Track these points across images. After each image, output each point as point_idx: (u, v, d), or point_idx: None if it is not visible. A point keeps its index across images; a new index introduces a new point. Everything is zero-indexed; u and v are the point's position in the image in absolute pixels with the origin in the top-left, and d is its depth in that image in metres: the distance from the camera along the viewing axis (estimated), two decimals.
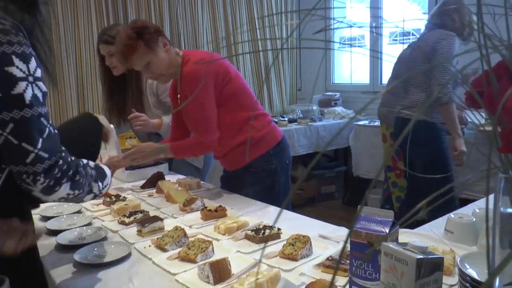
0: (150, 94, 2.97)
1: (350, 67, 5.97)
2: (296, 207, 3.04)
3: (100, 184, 1.49)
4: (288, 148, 2.55)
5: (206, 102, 2.27)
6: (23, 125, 1.17)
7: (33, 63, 1.20)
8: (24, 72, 1.16)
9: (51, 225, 1.94)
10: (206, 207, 2.07)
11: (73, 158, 1.33)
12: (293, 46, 6.18)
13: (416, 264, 0.92)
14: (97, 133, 1.79)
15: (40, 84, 1.22)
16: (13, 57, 1.15)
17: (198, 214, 2.06)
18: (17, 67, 1.15)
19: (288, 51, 6.33)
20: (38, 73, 1.22)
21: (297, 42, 5.79)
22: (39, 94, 1.21)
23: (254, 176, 2.41)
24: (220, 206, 2.06)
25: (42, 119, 1.22)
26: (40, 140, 1.20)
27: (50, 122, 1.26)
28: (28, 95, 1.17)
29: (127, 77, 2.96)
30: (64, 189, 1.28)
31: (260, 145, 2.40)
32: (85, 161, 1.43)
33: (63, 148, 1.29)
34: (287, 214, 2.07)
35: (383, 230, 1.07)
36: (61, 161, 1.25)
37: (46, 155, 1.21)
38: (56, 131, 1.28)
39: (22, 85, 1.16)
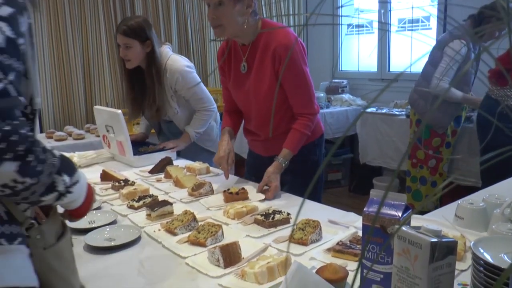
0: (167, 87, 2.93)
1: (358, 54, 5.93)
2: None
3: (66, 178, 1.12)
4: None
5: (308, 76, 2.21)
6: None
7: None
8: None
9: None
10: (228, 190, 2.08)
11: (30, 133, 0.99)
12: (300, 28, 6.14)
13: (430, 247, 0.92)
14: None
15: (3, 24, 0.99)
16: None
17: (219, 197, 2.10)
18: None
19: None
20: (5, 10, 1.01)
21: (305, 21, 5.75)
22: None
23: (295, 165, 2.25)
24: (242, 188, 2.08)
25: None
26: None
27: (12, 80, 0.99)
28: None
29: (146, 70, 2.91)
30: (7, 169, 0.93)
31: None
32: (47, 145, 1.07)
33: (22, 119, 0.99)
34: (297, 199, 2.06)
35: (396, 214, 1.06)
36: (8, 128, 0.93)
37: None
38: (20, 98, 1.01)
39: None
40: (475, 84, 3.93)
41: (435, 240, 0.93)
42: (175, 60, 2.89)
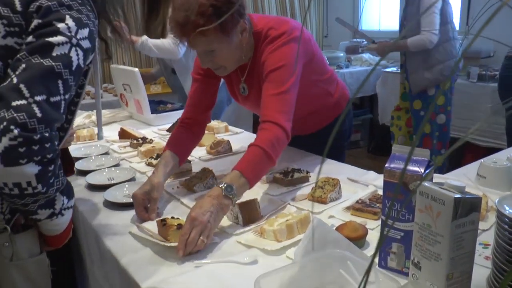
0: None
1: (379, 13, 5.80)
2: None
3: (65, 200, 1.21)
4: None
5: (294, 84, 1.67)
6: (34, 71, 1.05)
7: (85, 32, 1.14)
8: (70, 32, 1.11)
9: (80, 165, 1.96)
10: None
11: (57, 148, 1.12)
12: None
13: (454, 204, 0.89)
14: None
15: (80, 53, 1.13)
16: (67, 17, 1.11)
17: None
18: (67, 24, 1.10)
19: None
20: (86, 43, 1.15)
21: None
22: (74, 61, 1.12)
23: (324, 138, 2.05)
24: None
25: (60, 82, 1.08)
26: (43, 96, 1.04)
27: (66, 99, 1.11)
28: (59, 50, 1.09)
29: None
30: (30, 169, 1.02)
31: (334, 109, 2.09)
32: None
33: (56, 133, 1.10)
34: (316, 158, 2.04)
35: (419, 170, 1.04)
36: (47, 135, 1.04)
37: (38, 114, 1.02)
38: (65, 117, 1.15)
39: (60, 39, 1.09)
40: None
41: (459, 196, 0.90)
42: None
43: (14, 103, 1.00)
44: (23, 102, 1.01)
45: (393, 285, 0.93)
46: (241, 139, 2.34)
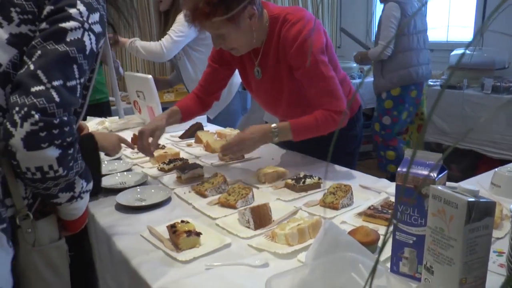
0: None
1: None
2: None
3: (84, 183, 1.23)
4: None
5: (325, 66, 1.84)
6: (50, 57, 1.07)
7: (96, 16, 1.16)
8: (82, 17, 1.12)
9: None
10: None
11: (76, 131, 1.15)
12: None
13: (467, 207, 0.89)
14: (92, 151, 1.68)
15: (92, 37, 1.15)
16: (78, 2, 1.13)
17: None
18: (78, 10, 1.12)
19: (329, 6, 6.18)
20: (97, 27, 1.16)
21: None
22: (87, 45, 1.13)
23: (334, 143, 2.05)
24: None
25: (75, 67, 1.11)
26: (60, 81, 1.07)
27: (82, 83, 1.14)
28: (73, 35, 1.11)
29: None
30: (51, 153, 1.04)
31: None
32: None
33: (74, 117, 1.14)
34: (330, 166, 2.02)
35: (431, 174, 1.03)
36: (66, 119, 1.07)
37: (57, 98, 1.05)
38: (80, 100, 1.17)
39: (73, 24, 1.11)
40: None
41: (473, 199, 0.89)
42: None
43: (33, 89, 1.03)
44: (42, 87, 1.04)
45: None
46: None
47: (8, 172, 1.10)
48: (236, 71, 2.21)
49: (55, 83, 1.05)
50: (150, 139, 1.93)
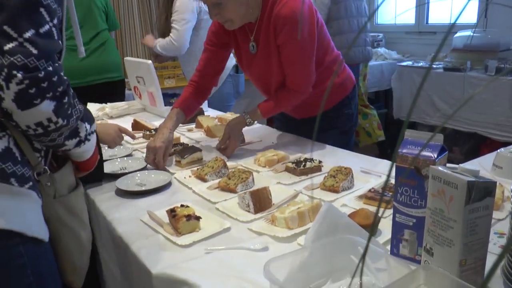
0: None
1: (395, 6, 5.74)
2: None
3: (87, 125, 1.23)
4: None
5: (311, 51, 1.92)
6: (13, 8, 0.98)
7: None
8: None
9: None
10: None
11: (65, 77, 1.09)
12: None
13: (467, 187, 0.88)
14: None
15: None
16: None
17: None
18: None
19: None
20: None
21: None
22: None
23: (330, 122, 2.14)
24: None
25: (43, 10, 1.02)
26: (31, 31, 0.99)
27: (56, 24, 1.06)
28: None
29: None
30: (46, 107, 1.02)
31: (340, 89, 2.16)
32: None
33: (60, 63, 1.09)
34: (328, 148, 2.03)
35: (431, 155, 1.02)
36: (51, 69, 1.01)
37: (34, 51, 0.98)
38: (60, 42, 1.10)
39: None
40: None
41: (472, 179, 0.88)
42: None
43: (6, 47, 0.97)
44: (14, 43, 0.97)
45: (405, 270, 0.91)
46: (254, 130, 2.33)
47: (15, 133, 1.09)
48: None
49: (27, 34, 0.98)
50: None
